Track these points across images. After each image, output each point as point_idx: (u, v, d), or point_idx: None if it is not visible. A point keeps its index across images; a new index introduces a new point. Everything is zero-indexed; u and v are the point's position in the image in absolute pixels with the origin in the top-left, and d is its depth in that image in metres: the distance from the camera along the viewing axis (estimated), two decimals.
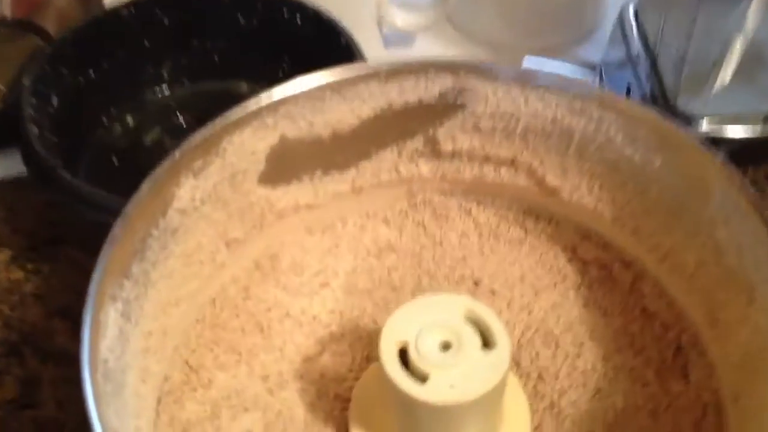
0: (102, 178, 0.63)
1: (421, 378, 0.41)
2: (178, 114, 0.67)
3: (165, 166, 0.44)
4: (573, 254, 0.55)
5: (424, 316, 0.43)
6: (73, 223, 0.61)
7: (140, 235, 0.43)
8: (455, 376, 0.41)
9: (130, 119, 0.67)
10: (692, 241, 0.47)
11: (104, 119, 0.66)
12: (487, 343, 0.42)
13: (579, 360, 0.49)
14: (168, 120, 0.66)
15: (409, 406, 0.41)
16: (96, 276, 0.40)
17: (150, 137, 0.65)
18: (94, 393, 0.37)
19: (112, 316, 0.41)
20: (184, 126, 0.66)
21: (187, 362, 0.49)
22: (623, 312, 0.52)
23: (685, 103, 0.65)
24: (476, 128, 0.52)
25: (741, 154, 0.46)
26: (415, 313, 0.43)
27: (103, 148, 0.65)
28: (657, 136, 0.47)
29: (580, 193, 0.52)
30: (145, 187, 0.43)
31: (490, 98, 0.51)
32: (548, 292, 0.53)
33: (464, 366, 0.41)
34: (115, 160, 0.65)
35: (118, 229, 0.41)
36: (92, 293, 0.39)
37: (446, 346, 0.42)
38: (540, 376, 0.49)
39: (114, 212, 0.42)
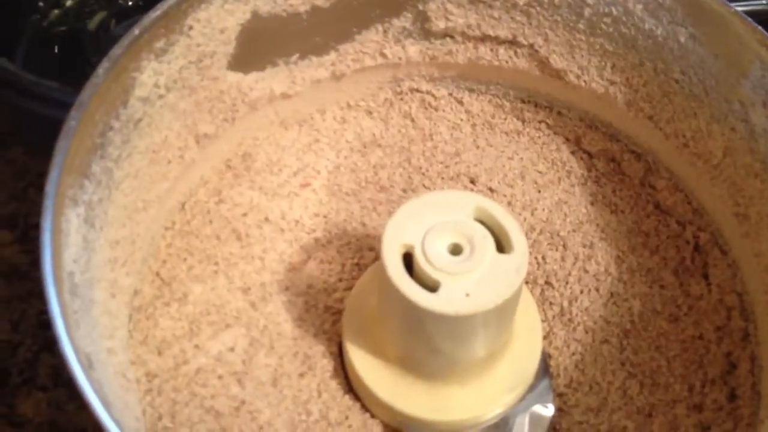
0: (42, 68, 0.55)
1: (431, 286, 0.36)
2: None
3: (124, 44, 0.37)
4: (577, 146, 0.50)
5: (430, 216, 0.38)
6: (15, 119, 0.53)
7: (99, 128, 0.37)
8: (470, 284, 0.36)
9: (69, 2, 0.58)
10: (719, 126, 0.43)
11: (40, 3, 0.58)
12: (501, 245, 0.38)
13: (590, 262, 0.45)
14: (113, 2, 0.58)
15: (417, 318, 0.37)
16: (53, 175, 0.34)
17: (94, 22, 0.57)
18: (62, 312, 0.31)
19: (74, 222, 0.35)
20: (133, 9, 0.58)
21: (158, 274, 0.44)
22: (635, 208, 0.48)
23: None
24: (472, 1, 0.46)
25: None
26: (418, 213, 0.38)
27: (41, 35, 0.57)
28: (684, 7, 0.42)
29: (589, 75, 0.47)
30: (102, 70, 0.36)
31: None
32: (552, 188, 0.49)
33: (479, 272, 0.36)
34: (55, 48, 0.57)
35: (74, 121, 0.35)
36: (50, 195, 0.33)
37: (457, 250, 0.37)
38: (548, 282, 0.45)
39: (64, 105, 0.36)
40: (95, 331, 0.35)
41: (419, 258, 0.37)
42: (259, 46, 0.44)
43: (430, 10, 0.47)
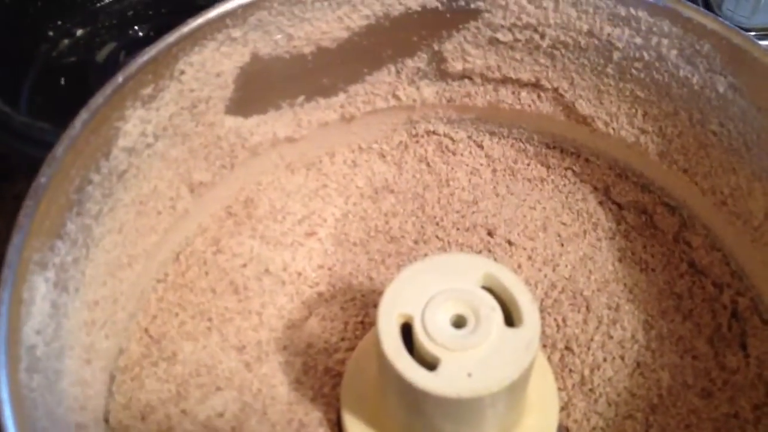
0: (48, 101, 0.53)
1: (431, 363, 0.33)
2: (136, 26, 0.57)
3: (105, 94, 0.35)
4: (605, 196, 0.46)
5: (433, 283, 0.34)
6: (13, 158, 0.52)
7: (76, 184, 0.34)
8: (473, 362, 0.33)
9: (79, 32, 0.56)
10: (761, 185, 0.39)
11: (50, 32, 0.56)
12: (510, 317, 0.34)
13: (615, 327, 0.42)
14: (124, 33, 0.56)
15: (414, 397, 0.33)
16: (16, 241, 0.31)
17: (103, 53, 0.55)
18: (12, 397, 0.28)
19: (40, 289, 0.33)
20: (144, 40, 0.56)
21: (146, 331, 0.41)
22: (667, 267, 0.44)
23: (731, 11, 0.56)
24: (492, 42, 0.43)
25: None
26: (421, 279, 0.35)
27: (49, 65, 0.55)
28: (723, 54, 0.38)
29: (618, 122, 0.44)
30: (79, 122, 0.34)
31: (510, 3, 0.41)
32: (576, 242, 0.45)
33: (484, 348, 0.33)
34: (62, 80, 0.55)
35: (44, 178, 0.33)
36: (12, 263, 0.31)
37: (460, 322, 0.34)
38: (568, 347, 0.41)
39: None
40: (62, 406, 0.32)
41: (418, 331, 0.33)
42: (260, 88, 0.41)
43: (447, 50, 0.43)
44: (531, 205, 0.46)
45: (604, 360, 0.41)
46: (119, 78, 0.35)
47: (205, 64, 0.38)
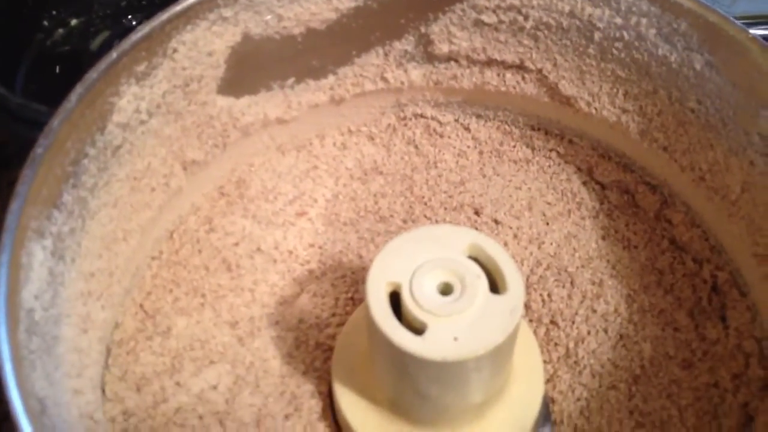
0: (43, 89, 0.54)
1: (418, 328, 0.34)
2: (130, 16, 0.58)
3: (99, 69, 0.35)
4: (589, 176, 0.48)
5: (420, 253, 0.35)
6: (10, 142, 0.52)
7: (72, 156, 0.35)
8: (459, 327, 0.34)
9: (74, 21, 0.57)
10: (738, 159, 0.40)
11: (45, 21, 0.57)
12: (495, 285, 0.35)
13: (598, 301, 0.43)
14: (118, 22, 0.57)
15: (402, 361, 0.34)
16: (14, 206, 0.32)
17: (97, 42, 0.56)
18: (12, 354, 0.29)
19: (38, 255, 0.33)
20: None
21: (141, 306, 0.42)
22: (649, 244, 0.45)
23: None
24: (477, 24, 0.44)
25: None
26: (408, 248, 0.36)
27: (44, 54, 0.56)
28: (700, 32, 0.39)
29: (600, 102, 0.45)
30: (75, 96, 0.35)
31: None
32: (561, 220, 0.46)
33: (469, 314, 0.34)
34: (57, 68, 0.56)
35: (41, 149, 0.33)
36: (10, 228, 0.32)
37: (447, 290, 0.35)
38: (553, 321, 0.42)
39: None
40: (59, 370, 0.33)
41: (406, 298, 0.34)
42: (251, 69, 0.42)
43: (433, 32, 0.44)
44: (517, 185, 0.47)
45: (588, 333, 0.42)
46: (113, 54, 0.36)
47: (197, 43, 0.39)
